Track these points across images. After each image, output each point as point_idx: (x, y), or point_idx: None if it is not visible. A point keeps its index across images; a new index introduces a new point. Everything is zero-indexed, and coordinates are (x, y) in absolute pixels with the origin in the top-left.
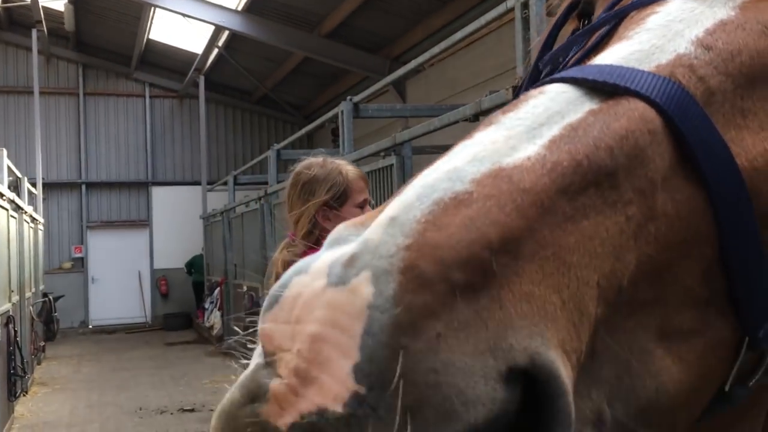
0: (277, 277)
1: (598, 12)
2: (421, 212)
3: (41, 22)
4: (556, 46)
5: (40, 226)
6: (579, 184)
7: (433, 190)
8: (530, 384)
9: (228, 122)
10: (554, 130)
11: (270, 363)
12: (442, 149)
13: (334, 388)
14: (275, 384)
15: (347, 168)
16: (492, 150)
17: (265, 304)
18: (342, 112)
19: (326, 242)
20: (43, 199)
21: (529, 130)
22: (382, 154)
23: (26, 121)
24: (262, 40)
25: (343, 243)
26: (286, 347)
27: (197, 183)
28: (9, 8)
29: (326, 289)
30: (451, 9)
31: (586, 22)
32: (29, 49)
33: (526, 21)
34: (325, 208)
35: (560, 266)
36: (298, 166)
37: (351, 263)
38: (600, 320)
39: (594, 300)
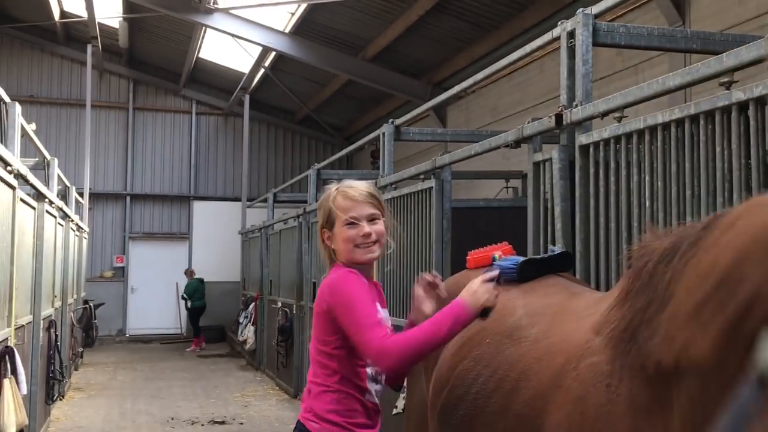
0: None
1: None
2: None
3: (96, 38)
4: None
5: (85, 235)
6: None
7: None
8: None
9: (270, 141)
10: None
11: None
12: (481, 175)
13: None
14: None
15: (340, 191)
16: None
17: None
18: (383, 134)
19: None
20: (89, 209)
21: None
22: (422, 176)
23: (77, 133)
24: (307, 62)
25: None
26: None
27: (238, 199)
28: (66, 24)
29: None
30: (494, 37)
31: None
32: (84, 63)
33: (572, 50)
34: (326, 230)
35: None
36: None
37: None
38: None
39: None
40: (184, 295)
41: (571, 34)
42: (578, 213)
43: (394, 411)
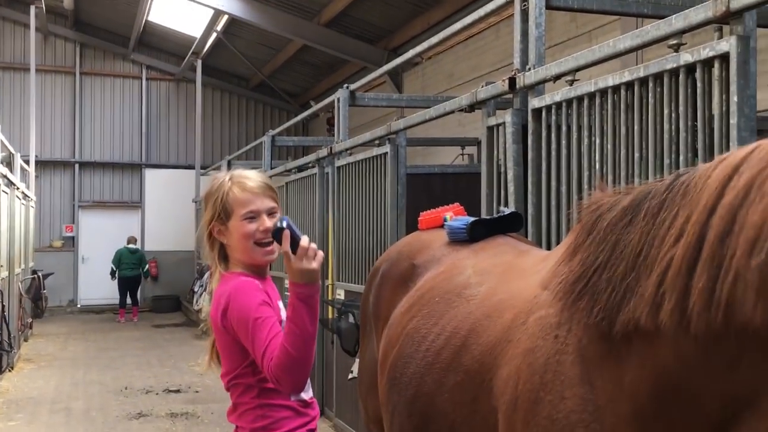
0: (210, 291)
1: None
2: None
3: None
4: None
5: (32, 204)
6: None
7: None
8: None
9: (224, 107)
10: None
11: None
12: (437, 142)
13: None
14: None
15: (234, 182)
16: None
17: None
18: (338, 99)
19: None
20: (36, 177)
21: None
22: (377, 142)
23: (22, 98)
24: (261, 27)
25: None
26: None
27: (191, 167)
28: None
29: None
30: (450, 3)
31: None
32: (27, 25)
33: (525, 13)
34: (218, 223)
35: None
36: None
37: None
38: None
39: None
40: (113, 266)
41: None
42: (530, 176)
43: (350, 376)
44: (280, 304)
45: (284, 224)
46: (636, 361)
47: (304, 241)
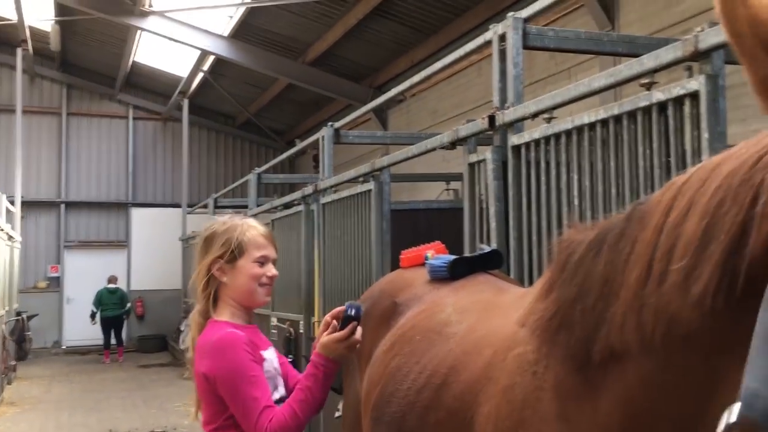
0: (194, 341)
1: None
2: None
3: (26, 41)
4: None
5: (17, 244)
6: None
7: None
8: None
9: (210, 146)
10: None
11: None
12: (420, 177)
13: None
14: None
15: (248, 225)
16: None
17: None
18: (323, 137)
19: None
20: (21, 217)
21: None
22: (361, 179)
23: (7, 139)
24: (247, 66)
25: None
26: None
27: (177, 205)
28: None
29: None
30: (433, 41)
31: None
32: (13, 67)
33: (503, 53)
34: (221, 262)
35: None
36: (205, 225)
37: None
38: None
39: None
40: (93, 308)
41: (503, 38)
42: (511, 212)
43: (336, 414)
44: (270, 353)
45: (354, 313)
46: (610, 388)
47: (358, 333)
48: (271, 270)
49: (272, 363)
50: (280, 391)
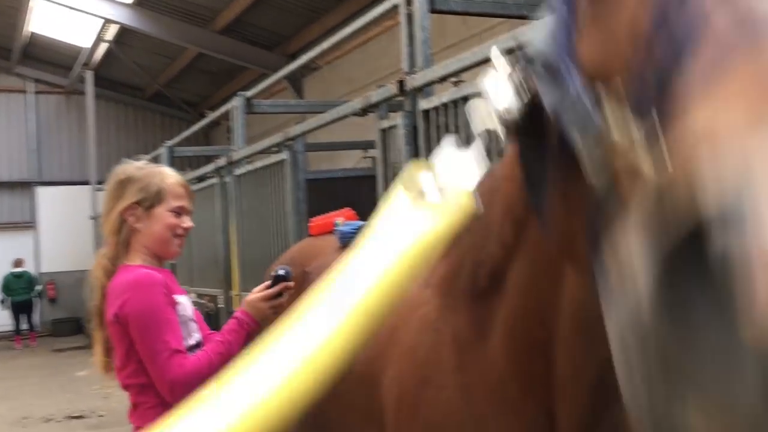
0: (102, 287)
1: None
2: None
3: None
4: None
5: None
6: None
7: None
8: None
9: (119, 119)
10: None
11: None
12: (336, 145)
13: None
14: None
15: (167, 173)
16: None
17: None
18: (234, 107)
19: None
20: None
21: None
22: (275, 149)
23: None
24: (153, 35)
25: None
26: None
27: (86, 182)
28: None
29: None
30: (345, 8)
31: None
32: None
33: (410, 17)
34: (136, 208)
35: None
36: (117, 167)
37: None
38: None
39: None
40: (2, 294)
41: (409, 2)
42: None
43: None
44: (184, 298)
45: (284, 273)
46: (495, 312)
47: (286, 296)
48: (186, 221)
49: (186, 309)
50: (195, 337)
